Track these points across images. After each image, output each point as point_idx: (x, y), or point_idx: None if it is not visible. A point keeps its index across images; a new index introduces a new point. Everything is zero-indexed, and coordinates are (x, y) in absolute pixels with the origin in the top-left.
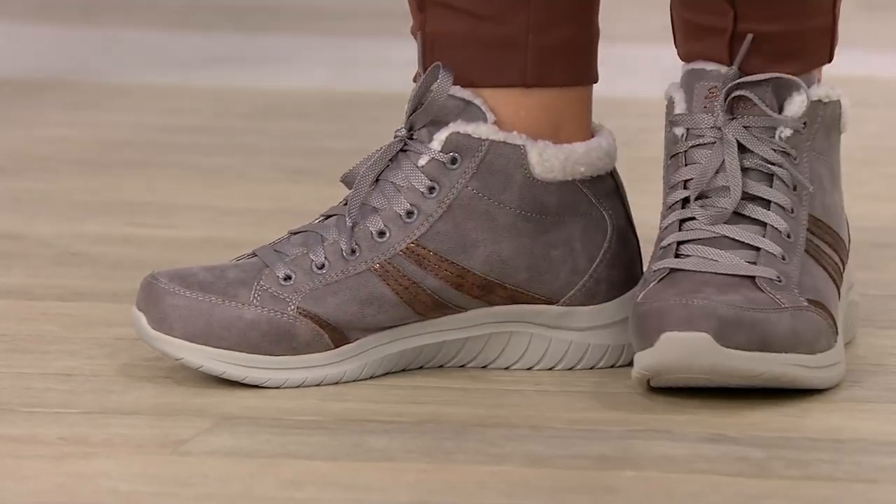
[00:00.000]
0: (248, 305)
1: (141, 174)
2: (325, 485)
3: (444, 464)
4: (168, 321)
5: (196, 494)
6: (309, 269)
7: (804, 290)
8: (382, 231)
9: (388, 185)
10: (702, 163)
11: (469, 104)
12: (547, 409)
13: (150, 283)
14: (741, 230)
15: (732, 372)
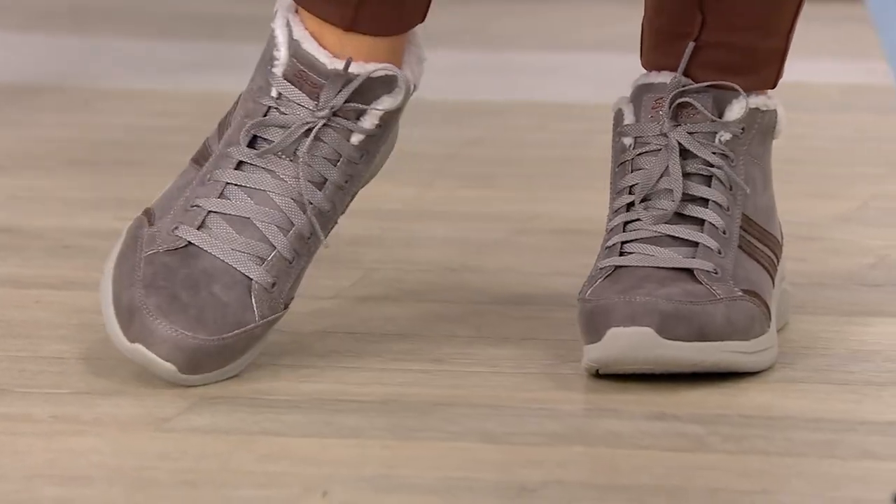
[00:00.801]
0: (256, 325)
1: (129, 172)
2: (298, 460)
3: (407, 440)
4: (201, 364)
5: (178, 468)
6: (285, 268)
7: (738, 281)
8: (331, 207)
9: (321, 161)
10: (647, 168)
11: (388, 80)
12: (503, 389)
13: (167, 331)
14: (681, 228)
15: (674, 362)
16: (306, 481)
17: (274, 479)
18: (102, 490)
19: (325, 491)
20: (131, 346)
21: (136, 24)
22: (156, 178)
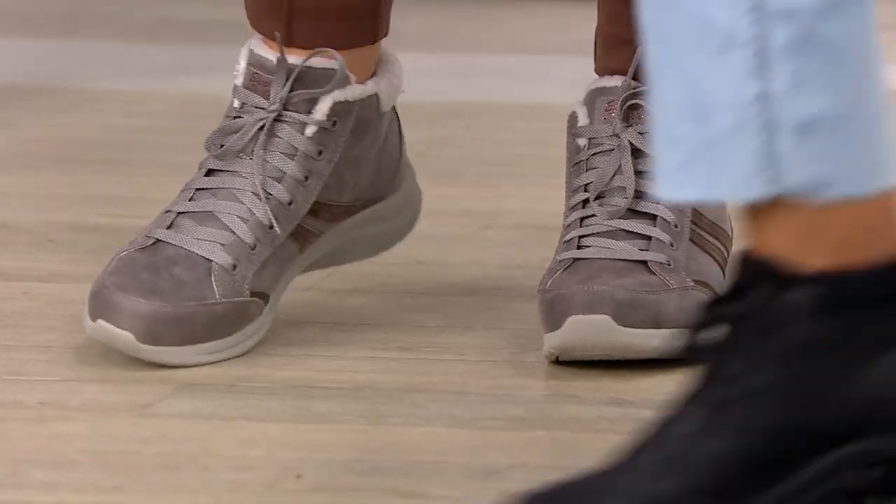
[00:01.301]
0: (216, 303)
1: (114, 171)
2: (275, 444)
3: (379, 425)
4: (156, 334)
5: (160, 452)
6: (246, 253)
7: (690, 272)
8: (291, 200)
9: (278, 156)
10: (601, 167)
11: (337, 73)
12: (469, 376)
13: (122, 300)
14: (635, 223)
15: (630, 348)
16: (282, 464)
17: (251, 462)
18: (87, 473)
19: (300, 474)
20: (93, 324)
21: (122, 29)
22: (140, 176)
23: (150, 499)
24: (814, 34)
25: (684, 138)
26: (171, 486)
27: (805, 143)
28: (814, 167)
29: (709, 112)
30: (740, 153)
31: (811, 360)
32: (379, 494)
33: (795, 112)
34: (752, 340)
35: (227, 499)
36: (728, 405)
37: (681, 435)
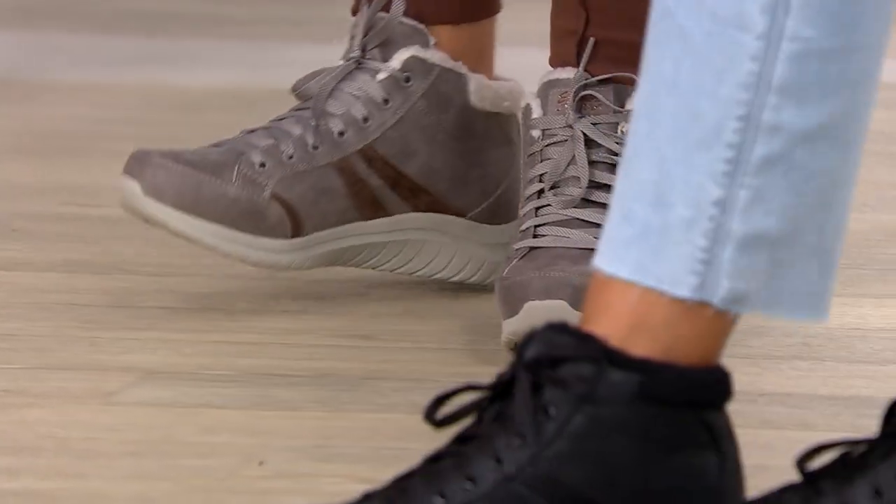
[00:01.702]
0: (231, 184)
1: (73, 161)
2: (237, 431)
3: (340, 412)
4: (161, 189)
5: (123, 440)
6: (280, 158)
7: None
8: (342, 132)
9: (346, 96)
10: (555, 158)
11: (418, 31)
12: (428, 364)
13: (145, 155)
14: (589, 212)
15: None
16: (245, 451)
17: (214, 449)
18: (50, 460)
19: (262, 461)
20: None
21: (81, 20)
22: (100, 166)
23: (114, 485)
24: (790, 155)
25: (638, 218)
26: (135, 473)
27: (743, 258)
28: (741, 283)
29: (669, 201)
30: (682, 251)
31: (617, 443)
32: (340, 480)
33: (745, 226)
34: (567, 407)
35: (190, 485)
36: (526, 466)
37: (462, 480)
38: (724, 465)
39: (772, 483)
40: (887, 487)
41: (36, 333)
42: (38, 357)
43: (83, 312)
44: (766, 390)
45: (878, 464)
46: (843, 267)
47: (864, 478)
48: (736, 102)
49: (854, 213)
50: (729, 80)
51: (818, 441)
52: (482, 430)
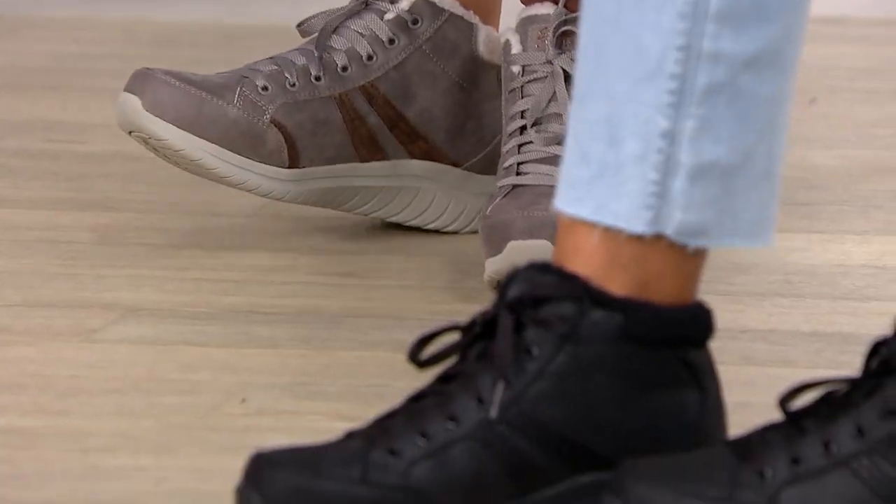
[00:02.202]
0: (232, 105)
1: (55, 96)
2: (218, 368)
3: (321, 350)
4: (162, 106)
5: (106, 377)
6: (283, 84)
7: None
8: (345, 67)
9: (352, 32)
10: (536, 94)
11: None
12: (410, 301)
13: (148, 72)
14: None
15: None
16: (226, 388)
17: (196, 386)
18: (34, 397)
19: (244, 398)
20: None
21: None
22: (80, 102)
23: (97, 422)
24: (733, 83)
25: (593, 157)
26: (117, 410)
27: (695, 188)
28: (694, 214)
29: (620, 136)
30: (635, 187)
31: (597, 382)
32: (322, 418)
33: (695, 156)
34: (549, 347)
35: (171, 422)
36: (508, 405)
37: (444, 419)
38: (705, 403)
39: (754, 420)
40: (870, 426)
41: (18, 270)
42: (21, 294)
43: (66, 249)
44: (748, 327)
45: (861, 403)
46: (825, 204)
47: (847, 417)
48: (676, 32)
49: (835, 150)
50: (668, 10)
51: (801, 379)
52: (465, 369)
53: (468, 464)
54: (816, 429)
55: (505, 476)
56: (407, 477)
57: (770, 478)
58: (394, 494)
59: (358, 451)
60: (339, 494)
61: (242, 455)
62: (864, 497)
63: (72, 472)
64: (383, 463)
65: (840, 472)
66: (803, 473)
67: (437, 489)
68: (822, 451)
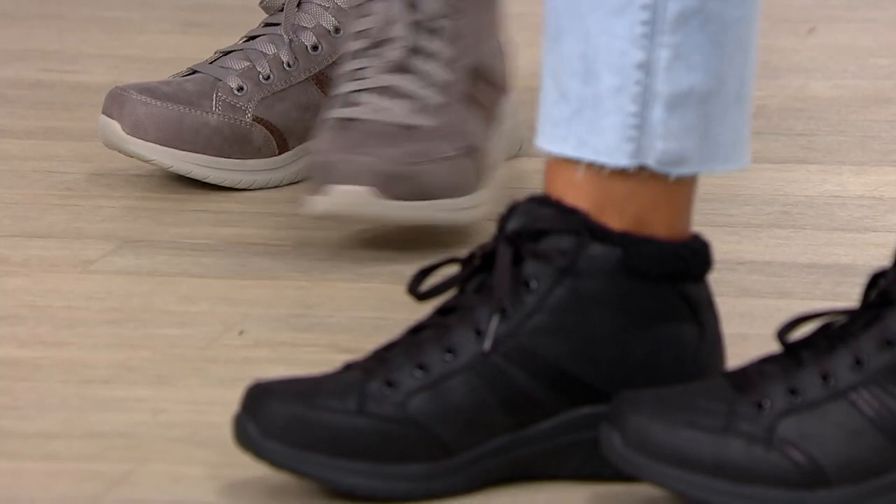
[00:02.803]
0: (211, 114)
1: (51, 25)
2: (217, 300)
3: (321, 281)
4: (142, 127)
5: (103, 308)
6: (257, 80)
7: (461, 136)
8: (315, 45)
9: (315, 7)
10: (379, 14)
11: None
12: (409, 234)
13: (122, 94)
14: (408, 80)
15: (390, 219)
16: (225, 320)
17: (194, 318)
18: (31, 328)
19: (242, 329)
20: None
21: None
22: (76, 31)
23: (94, 353)
24: (704, 9)
25: (571, 94)
26: (115, 341)
27: (672, 117)
28: (674, 143)
29: (596, 71)
30: (615, 119)
31: (596, 316)
32: (320, 350)
33: (670, 85)
34: (548, 280)
35: (169, 353)
36: (505, 338)
37: (442, 352)
38: (703, 336)
39: (752, 352)
40: (868, 357)
41: (14, 201)
42: (17, 225)
43: (62, 180)
44: (745, 259)
45: (859, 334)
46: (823, 134)
47: (845, 348)
48: None
49: (834, 80)
50: None
51: (798, 311)
52: (463, 302)
53: (465, 396)
54: (814, 360)
55: (502, 408)
56: (404, 408)
57: (767, 409)
58: (390, 426)
59: (355, 383)
60: (336, 425)
61: (240, 387)
62: (863, 427)
63: (70, 404)
64: (380, 394)
65: (838, 402)
66: (801, 404)
67: (434, 421)
68: (820, 382)
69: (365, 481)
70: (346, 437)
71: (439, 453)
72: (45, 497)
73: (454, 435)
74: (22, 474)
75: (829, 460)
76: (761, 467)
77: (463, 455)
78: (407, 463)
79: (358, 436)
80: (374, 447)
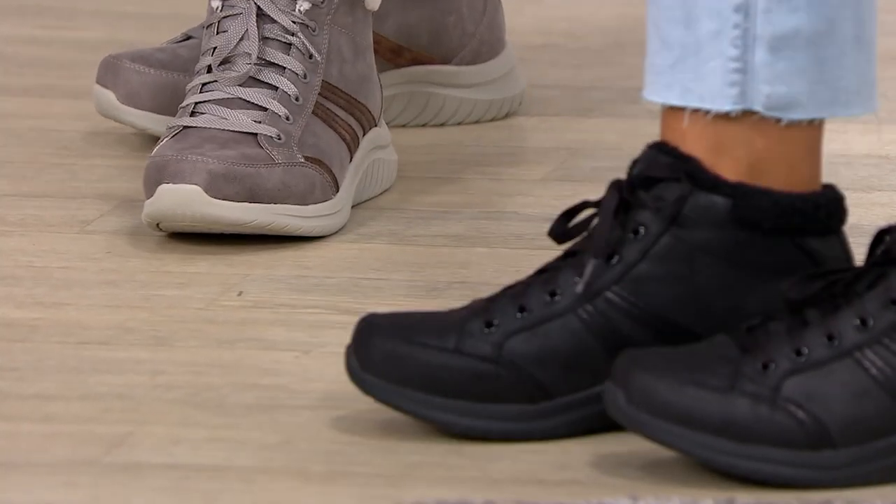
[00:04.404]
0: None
1: None
2: (215, 261)
3: (319, 242)
4: (136, 96)
5: (101, 269)
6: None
7: (304, 148)
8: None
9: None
10: (229, 31)
11: None
12: (409, 193)
13: (116, 62)
14: (254, 92)
15: (220, 220)
16: (223, 281)
17: (193, 279)
18: (29, 289)
19: (241, 291)
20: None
21: None
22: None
23: (92, 314)
24: None
25: (673, 41)
26: (113, 302)
27: (777, 59)
28: (782, 87)
29: (696, 17)
30: (717, 63)
31: (703, 266)
32: (319, 311)
33: (772, 27)
34: (655, 228)
35: (167, 314)
36: (607, 285)
37: (545, 294)
38: None
39: None
40: (873, 317)
41: (10, 160)
42: (14, 185)
43: (59, 138)
44: None
45: (864, 293)
46: None
47: (850, 307)
48: None
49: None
50: None
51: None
52: (580, 246)
53: (564, 339)
54: (819, 320)
55: (605, 354)
56: (500, 348)
57: (773, 369)
58: (486, 365)
59: (457, 321)
60: (432, 362)
61: (239, 348)
62: (868, 387)
63: (67, 365)
64: (479, 334)
65: (843, 362)
66: (806, 364)
67: (531, 362)
68: (825, 342)
69: (459, 419)
70: (440, 374)
71: (537, 395)
72: (43, 459)
73: (552, 378)
74: (19, 437)
75: (833, 421)
76: (766, 427)
77: (563, 399)
78: (503, 403)
79: (452, 374)
80: (469, 386)
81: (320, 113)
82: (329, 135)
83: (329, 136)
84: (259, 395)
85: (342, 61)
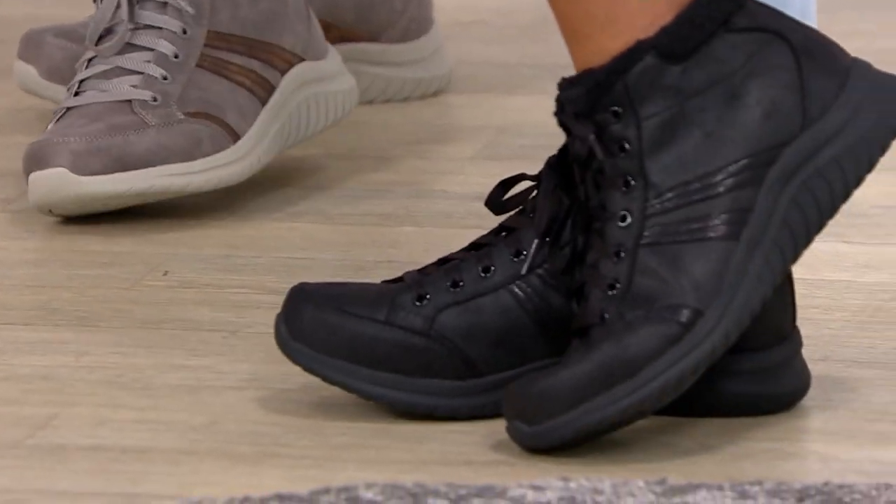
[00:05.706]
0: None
1: None
2: (140, 240)
3: (246, 220)
4: (59, 71)
5: (24, 248)
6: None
7: (186, 103)
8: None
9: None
10: (104, 4)
11: None
12: (336, 172)
13: (38, 37)
14: (130, 58)
15: (96, 197)
16: (148, 260)
17: (117, 258)
18: None
19: (167, 270)
20: None
21: None
22: None
23: (15, 295)
24: None
25: None
26: (36, 282)
27: None
28: None
29: None
30: None
31: None
32: (247, 291)
33: None
34: None
35: (92, 294)
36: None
37: (479, 269)
38: None
39: None
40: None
41: None
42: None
43: None
44: None
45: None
46: None
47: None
48: None
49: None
50: None
51: None
52: (513, 222)
53: (495, 315)
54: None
55: (537, 331)
56: (431, 322)
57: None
58: (415, 338)
59: (389, 293)
60: (361, 333)
61: (164, 329)
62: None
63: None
64: (411, 306)
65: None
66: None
67: (461, 338)
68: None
69: (386, 391)
70: (369, 345)
71: (466, 372)
72: None
73: (482, 354)
74: None
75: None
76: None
77: (492, 377)
78: (431, 378)
79: (381, 345)
80: (399, 359)
81: (208, 64)
82: (220, 84)
83: (220, 85)
84: (185, 375)
85: (235, 6)
